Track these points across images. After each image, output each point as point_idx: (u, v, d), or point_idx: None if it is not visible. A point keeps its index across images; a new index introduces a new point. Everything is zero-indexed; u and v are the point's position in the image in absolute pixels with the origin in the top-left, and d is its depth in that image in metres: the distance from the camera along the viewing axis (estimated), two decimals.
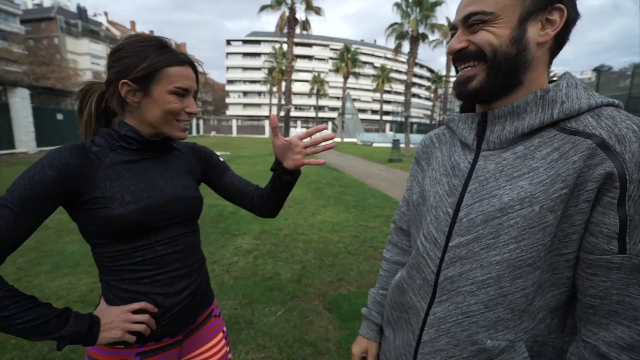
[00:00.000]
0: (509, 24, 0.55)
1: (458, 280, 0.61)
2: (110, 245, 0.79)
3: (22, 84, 12.60)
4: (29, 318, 0.67)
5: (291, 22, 17.53)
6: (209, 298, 0.99)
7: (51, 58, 33.04)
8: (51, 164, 0.71)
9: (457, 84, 0.62)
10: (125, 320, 0.78)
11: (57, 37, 46.12)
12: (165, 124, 0.83)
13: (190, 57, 0.85)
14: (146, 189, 0.82)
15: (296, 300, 2.80)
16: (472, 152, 0.64)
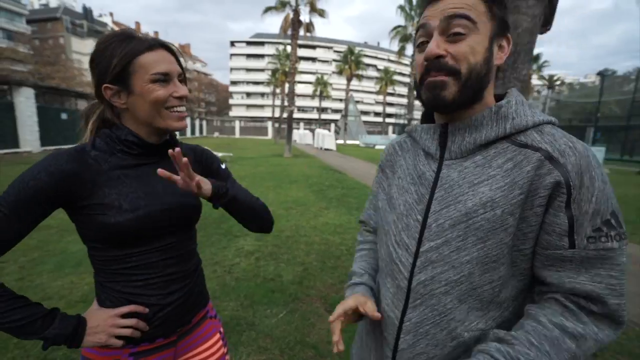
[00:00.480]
0: (483, 43, 0.59)
1: (431, 283, 0.64)
2: (105, 249, 0.79)
3: (27, 84, 12.69)
4: (16, 317, 0.69)
5: (295, 24, 17.57)
6: (203, 299, 0.99)
7: (56, 58, 33.31)
8: (47, 169, 0.71)
9: (433, 86, 0.61)
10: (111, 325, 0.77)
11: (63, 37, 46.47)
12: (157, 117, 0.79)
13: (161, 40, 0.80)
14: (145, 196, 0.80)
15: (298, 302, 2.79)
16: (435, 161, 0.68)
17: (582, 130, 23.49)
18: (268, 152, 19.47)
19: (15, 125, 12.38)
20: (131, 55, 0.75)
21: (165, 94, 0.78)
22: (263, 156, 16.22)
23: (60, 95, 17.87)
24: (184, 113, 0.83)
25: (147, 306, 0.82)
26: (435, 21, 0.60)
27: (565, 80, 49.26)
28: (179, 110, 0.81)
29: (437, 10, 0.60)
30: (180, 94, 0.79)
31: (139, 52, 0.75)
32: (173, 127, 0.81)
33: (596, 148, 15.56)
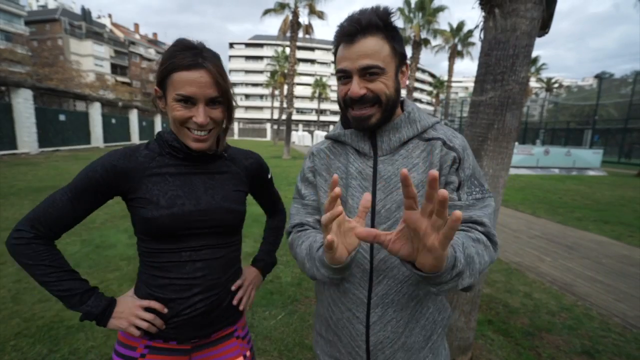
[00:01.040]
0: (391, 77, 0.76)
1: (389, 258, 0.79)
2: (145, 241, 0.86)
3: (25, 85, 12.65)
4: (61, 289, 0.80)
5: (294, 26, 17.60)
6: (233, 316, 0.96)
7: (54, 59, 33.21)
8: (103, 164, 0.82)
9: (359, 120, 0.78)
10: (133, 314, 0.83)
11: (61, 39, 46.40)
12: (179, 133, 0.84)
13: (205, 61, 0.78)
14: (183, 195, 0.85)
15: (296, 304, 2.79)
16: (370, 158, 0.83)
17: (580, 133, 23.58)
18: (267, 153, 19.46)
19: (13, 126, 12.34)
20: (169, 69, 0.79)
21: (184, 115, 0.80)
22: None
23: (59, 97, 17.82)
24: (202, 136, 0.83)
25: (167, 304, 0.85)
26: (353, 68, 0.74)
27: (563, 83, 49.46)
28: (198, 133, 0.82)
29: (353, 53, 0.74)
30: (198, 121, 0.79)
31: (175, 69, 0.78)
32: (190, 145, 0.84)
33: (594, 151, 15.62)
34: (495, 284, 3.34)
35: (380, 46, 0.73)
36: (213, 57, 0.81)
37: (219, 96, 0.81)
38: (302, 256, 0.82)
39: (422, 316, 0.83)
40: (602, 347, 2.33)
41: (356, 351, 0.85)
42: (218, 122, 0.85)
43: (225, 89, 0.83)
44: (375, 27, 0.73)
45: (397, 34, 0.76)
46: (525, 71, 1.73)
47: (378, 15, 0.73)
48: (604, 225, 5.76)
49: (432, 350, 0.86)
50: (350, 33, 0.73)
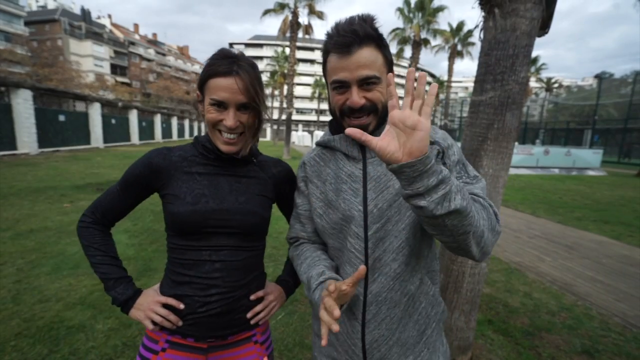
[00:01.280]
0: (383, 85, 0.79)
1: (383, 255, 0.81)
2: (172, 237, 0.92)
3: (25, 85, 12.65)
4: (101, 270, 0.91)
5: (294, 26, 17.60)
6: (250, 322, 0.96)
7: (54, 59, 33.23)
8: (143, 161, 0.92)
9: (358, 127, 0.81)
10: (150, 308, 0.89)
11: (61, 39, 46.39)
12: (212, 135, 0.90)
13: (240, 69, 0.84)
14: (208, 194, 0.90)
15: (296, 304, 2.79)
16: (359, 161, 0.86)
17: (580, 133, 23.60)
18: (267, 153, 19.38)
19: (13, 127, 12.34)
20: (208, 75, 0.86)
21: (216, 118, 0.86)
22: None
23: (58, 97, 17.82)
24: (231, 139, 0.88)
25: (184, 301, 0.89)
26: (352, 78, 0.76)
27: (563, 83, 49.48)
28: (227, 136, 0.88)
29: (351, 64, 0.75)
30: (227, 125, 0.85)
31: (212, 76, 0.85)
32: (220, 148, 0.90)
33: (594, 151, 15.62)
34: (495, 283, 3.34)
35: (375, 56, 0.76)
36: (248, 66, 0.87)
37: (249, 102, 0.86)
38: (302, 280, 0.91)
39: (415, 311, 0.85)
40: (602, 346, 2.33)
41: (352, 350, 0.86)
42: (248, 127, 0.90)
43: (256, 97, 0.87)
44: (370, 38, 0.75)
45: (385, 42, 0.79)
46: (525, 71, 1.73)
47: (368, 24, 0.75)
48: (604, 225, 5.76)
49: (427, 345, 0.88)
50: (346, 44, 0.74)
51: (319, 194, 0.91)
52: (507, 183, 10.66)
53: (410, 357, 0.86)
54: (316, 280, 0.82)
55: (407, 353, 0.86)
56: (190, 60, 74.78)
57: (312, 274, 0.85)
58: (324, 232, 0.91)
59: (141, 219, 4.93)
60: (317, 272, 0.84)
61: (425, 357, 0.87)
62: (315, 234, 0.97)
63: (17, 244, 3.80)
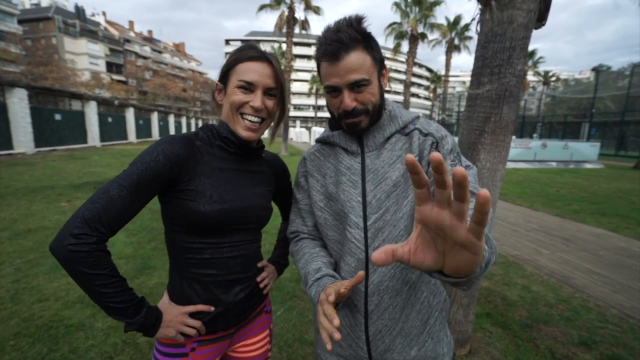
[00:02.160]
0: (375, 85, 0.82)
1: (382, 245, 0.79)
2: (187, 235, 0.85)
3: (20, 84, 12.53)
4: (118, 300, 0.75)
5: (290, 22, 17.48)
6: (263, 296, 1.04)
7: (49, 58, 32.95)
8: (164, 152, 0.79)
9: (352, 126, 0.85)
10: (181, 322, 0.85)
11: (55, 37, 45.92)
12: (231, 120, 0.88)
13: (269, 55, 0.87)
14: (231, 191, 0.88)
15: (295, 299, 2.79)
16: (358, 155, 0.89)
17: (577, 126, 23.64)
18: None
19: (9, 126, 12.23)
20: (235, 61, 0.86)
21: (242, 99, 0.85)
22: None
23: (54, 96, 17.69)
24: (254, 125, 0.87)
25: (211, 302, 0.89)
26: (342, 83, 0.79)
27: (561, 77, 49.46)
28: (250, 119, 0.87)
29: (341, 70, 0.78)
30: (254, 105, 0.84)
31: (241, 60, 0.85)
32: (239, 133, 0.88)
33: (591, 143, 15.66)
34: (494, 277, 3.36)
35: (363, 59, 0.78)
36: (275, 58, 0.89)
37: (276, 88, 0.88)
38: (299, 274, 0.92)
39: (417, 301, 0.87)
40: (599, 338, 2.35)
41: (356, 343, 0.87)
42: (271, 114, 0.90)
43: (282, 84, 0.90)
44: (356, 41, 0.77)
45: (373, 42, 0.81)
46: (522, 64, 1.72)
47: (354, 28, 0.77)
48: (601, 218, 5.79)
49: (431, 334, 0.89)
50: (333, 52, 0.77)
51: (320, 187, 0.94)
52: (505, 177, 10.65)
53: (415, 348, 0.87)
54: (313, 276, 0.84)
55: (411, 344, 0.86)
56: (186, 58, 74.23)
57: (309, 270, 0.86)
58: (325, 225, 0.93)
59: (139, 216, 4.92)
60: (314, 268, 0.86)
61: (429, 347, 0.88)
62: (315, 229, 0.99)
63: (15, 243, 3.78)
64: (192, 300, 0.88)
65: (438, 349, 0.90)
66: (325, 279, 0.81)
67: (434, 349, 0.89)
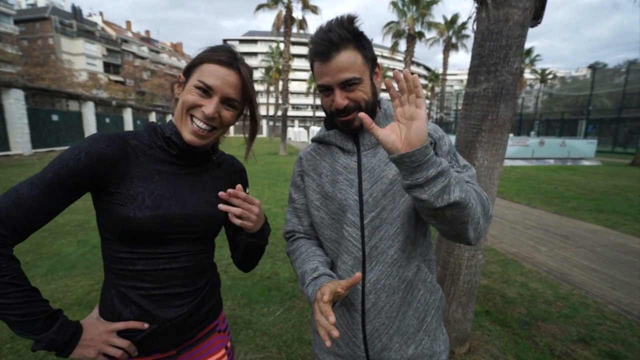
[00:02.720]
0: (367, 83, 0.82)
1: (379, 243, 0.84)
2: (117, 244, 0.77)
3: (17, 85, 12.48)
4: (21, 312, 0.66)
5: (288, 21, 17.45)
6: (213, 314, 0.93)
7: (46, 59, 32.76)
8: (87, 151, 0.71)
9: (346, 124, 0.86)
10: (104, 341, 0.75)
11: (52, 38, 45.71)
12: (179, 120, 0.80)
13: (240, 64, 0.80)
14: (169, 196, 0.79)
15: (295, 299, 2.79)
16: (354, 154, 0.89)
17: (575, 123, 23.71)
18: (263, 150, 19.42)
19: (5, 127, 12.19)
20: (202, 59, 0.79)
21: (195, 101, 0.78)
22: (258, 154, 16.09)
23: (51, 97, 17.62)
24: (201, 132, 0.79)
25: (145, 319, 0.78)
26: (333, 82, 0.80)
27: (558, 74, 49.58)
28: (199, 125, 0.79)
29: (332, 70, 0.79)
30: (206, 111, 0.77)
31: (208, 60, 0.78)
32: (183, 135, 0.80)
33: (588, 141, 15.71)
34: (492, 274, 3.37)
35: (353, 58, 0.79)
36: (248, 68, 0.83)
37: (237, 100, 0.82)
38: (296, 274, 0.92)
39: (413, 299, 0.88)
40: (597, 334, 2.36)
41: (353, 341, 0.87)
42: (224, 124, 0.83)
43: (246, 99, 0.84)
44: (346, 41, 0.78)
45: (365, 41, 0.81)
46: (519, 62, 1.72)
47: (345, 28, 0.78)
48: (598, 215, 5.81)
49: (428, 332, 0.90)
50: (324, 52, 0.78)
51: (316, 187, 0.94)
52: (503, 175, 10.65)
53: (412, 347, 0.87)
54: (310, 275, 0.83)
55: (408, 342, 0.87)
56: (184, 57, 74.01)
57: (306, 269, 0.86)
58: (321, 224, 0.93)
59: None
60: (310, 267, 0.86)
61: (426, 345, 0.89)
62: (311, 228, 0.99)
63: None
64: (123, 316, 0.78)
65: (435, 346, 0.91)
66: (322, 278, 0.81)
67: (430, 346, 0.89)
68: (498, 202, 6.71)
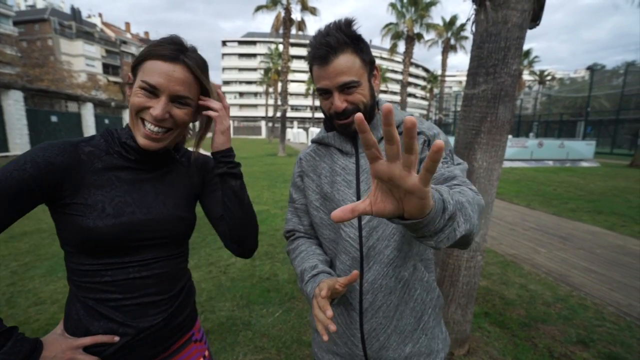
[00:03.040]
0: (366, 86, 0.83)
1: (376, 244, 0.85)
2: (80, 257, 0.72)
3: (16, 86, 12.46)
4: None
5: (287, 23, 17.48)
6: (188, 323, 0.89)
7: (45, 60, 32.73)
8: (34, 160, 0.66)
9: (344, 127, 0.87)
10: (69, 359, 0.69)
11: (51, 39, 45.72)
12: (133, 124, 0.75)
13: (183, 53, 0.74)
14: (132, 202, 0.75)
15: (294, 301, 2.79)
16: (352, 156, 0.90)
17: (573, 125, 23.77)
18: (262, 151, 19.41)
19: (4, 128, 12.17)
20: (145, 56, 0.73)
21: (142, 103, 0.72)
22: (257, 156, 16.16)
23: (50, 98, 17.58)
24: (155, 134, 0.74)
25: (116, 332, 0.73)
26: (332, 85, 0.81)
27: (556, 76, 49.73)
28: (150, 128, 0.73)
29: (330, 73, 0.80)
30: (154, 114, 0.71)
31: (151, 57, 0.72)
32: (138, 140, 0.74)
33: (587, 142, 15.75)
34: (491, 276, 3.37)
35: (352, 61, 0.80)
36: (197, 59, 0.76)
37: (188, 97, 0.75)
38: (295, 272, 0.92)
39: (410, 298, 0.89)
40: (597, 336, 2.36)
41: (352, 340, 0.89)
42: (179, 124, 0.76)
43: (199, 92, 0.78)
44: (344, 44, 0.79)
45: (363, 44, 0.83)
46: (517, 63, 1.73)
47: (343, 31, 0.79)
48: (597, 216, 5.82)
49: (425, 331, 0.91)
50: (322, 56, 0.79)
51: (315, 187, 0.95)
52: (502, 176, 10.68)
53: (409, 345, 0.88)
54: (309, 273, 0.85)
55: (405, 341, 0.88)
56: None
57: (306, 267, 0.87)
58: (320, 224, 0.95)
59: None
60: (310, 265, 0.87)
61: (423, 343, 0.90)
62: (311, 228, 1.00)
63: (10, 246, 3.76)
64: (91, 331, 0.73)
65: (432, 345, 0.92)
66: (321, 276, 0.83)
67: (428, 345, 0.91)
68: (497, 203, 6.72)
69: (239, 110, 63.90)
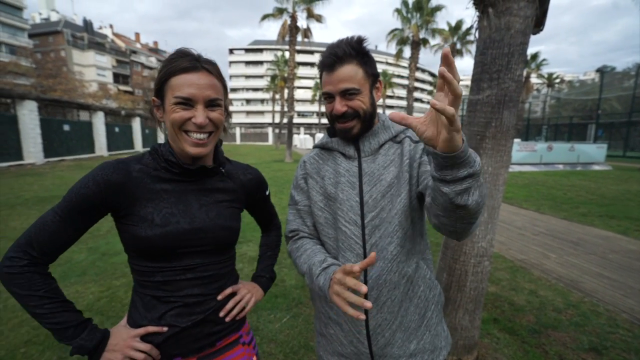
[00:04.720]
0: (366, 95, 0.91)
1: (379, 241, 0.90)
2: (137, 259, 0.83)
3: (30, 97, 12.81)
4: (55, 321, 0.75)
5: (293, 30, 17.67)
6: (235, 323, 0.95)
7: (58, 70, 33.56)
8: (95, 179, 0.77)
9: (344, 131, 0.94)
10: (128, 346, 0.80)
11: (64, 50, 46.95)
12: (176, 139, 0.81)
13: (204, 63, 0.80)
14: (178, 213, 0.83)
15: (301, 306, 2.80)
16: (355, 159, 0.97)
17: (584, 128, 23.42)
18: (269, 157, 19.52)
19: (19, 137, 12.49)
20: (167, 74, 0.79)
21: (182, 117, 0.78)
22: (264, 162, 16.26)
23: (63, 107, 18.02)
24: (202, 140, 0.81)
25: (165, 323, 0.83)
26: (334, 90, 0.90)
27: (565, 78, 49.14)
28: (197, 136, 0.80)
29: (334, 79, 0.89)
30: (198, 122, 0.78)
31: (174, 73, 0.78)
32: (187, 151, 0.81)
33: (598, 145, 15.48)
34: (500, 282, 3.33)
35: (355, 71, 0.88)
36: (211, 63, 0.83)
37: (218, 98, 0.82)
38: (302, 270, 0.94)
39: (414, 295, 0.93)
40: (610, 343, 2.32)
41: (357, 338, 0.92)
42: (217, 125, 0.84)
43: (224, 92, 0.86)
44: (350, 56, 0.88)
45: (368, 59, 0.91)
46: (521, 69, 1.74)
47: (351, 46, 0.88)
48: (610, 220, 5.71)
49: (429, 327, 0.95)
50: (329, 63, 0.89)
51: (319, 188, 1.01)
52: (511, 180, 10.53)
53: (414, 342, 0.92)
54: (319, 266, 0.87)
55: (410, 338, 0.92)
56: None
57: (314, 261, 0.90)
58: (325, 224, 0.99)
59: None
60: (319, 259, 0.90)
61: (427, 340, 0.94)
62: (314, 229, 1.03)
63: None
64: (147, 317, 0.84)
65: (436, 342, 0.95)
66: (332, 267, 0.85)
67: (432, 342, 0.94)
68: (506, 207, 6.64)
69: (246, 117, 64.50)
